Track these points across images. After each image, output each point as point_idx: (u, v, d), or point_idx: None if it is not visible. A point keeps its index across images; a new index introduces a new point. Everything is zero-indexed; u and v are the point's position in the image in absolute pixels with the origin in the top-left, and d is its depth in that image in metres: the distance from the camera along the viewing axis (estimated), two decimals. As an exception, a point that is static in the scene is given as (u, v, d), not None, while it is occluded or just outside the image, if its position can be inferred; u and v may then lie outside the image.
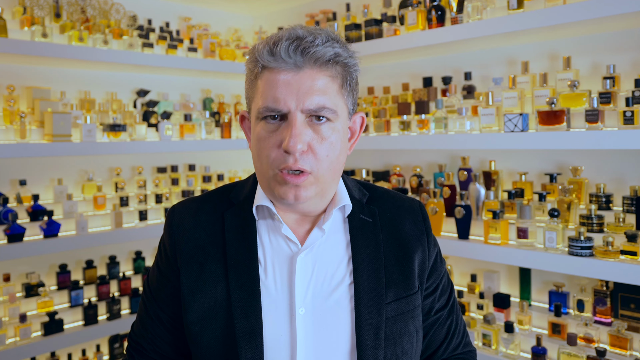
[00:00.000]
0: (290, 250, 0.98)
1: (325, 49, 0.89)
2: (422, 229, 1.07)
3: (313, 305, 0.95)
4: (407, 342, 0.99)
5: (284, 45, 0.88)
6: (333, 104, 0.91)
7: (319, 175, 0.92)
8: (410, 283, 1.01)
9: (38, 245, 2.18)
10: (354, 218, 1.02)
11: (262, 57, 0.90)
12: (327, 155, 0.91)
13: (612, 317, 1.85)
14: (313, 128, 0.91)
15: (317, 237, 0.98)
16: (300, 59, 0.88)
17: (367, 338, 0.94)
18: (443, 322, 1.08)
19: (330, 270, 0.98)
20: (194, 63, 2.73)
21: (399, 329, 0.98)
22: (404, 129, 2.31)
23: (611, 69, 1.83)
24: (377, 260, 1.00)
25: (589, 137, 1.72)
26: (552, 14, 1.79)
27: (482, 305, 2.13)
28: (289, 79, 0.89)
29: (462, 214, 2.06)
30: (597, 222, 1.81)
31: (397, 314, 0.98)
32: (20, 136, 2.21)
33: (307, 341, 0.94)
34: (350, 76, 0.96)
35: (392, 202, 1.08)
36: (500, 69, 2.25)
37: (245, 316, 0.94)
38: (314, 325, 0.94)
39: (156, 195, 2.69)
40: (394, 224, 1.05)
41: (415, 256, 1.03)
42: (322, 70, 0.90)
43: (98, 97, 2.67)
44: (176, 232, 1.03)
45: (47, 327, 2.21)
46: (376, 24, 2.40)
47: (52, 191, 2.48)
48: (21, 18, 2.31)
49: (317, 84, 0.89)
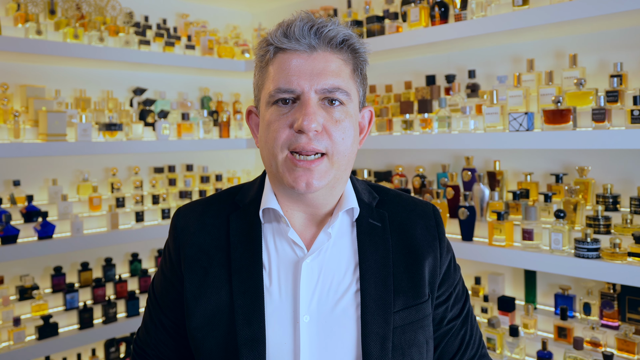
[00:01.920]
0: (295, 255, 0.96)
1: (339, 29, 0.91)
2: (435, 234, 1.03)
3: (318, 313, 0.93)
4: (417, 352, 0.96)
5: (298, 25, 0.89)
6: (346, 87, 0.91)
7: (334, 159, 0.90)
8: (420, 291, 0.98)
9: (32, 247, 2.16)
10: (362, 222, 0.99)
11: (276, 39, 0.91)
12: (342, 139, 0.90)
13: (620, 320, 1.83)
14: (327, 111, 0.90)
15: (323, 241, 0.95)
16: (314, 39, 0.89)
17: (372, 348, 0.91)
18: (456, 333, 1.04)
19: (337, 277, 0.95)
20: (192, 61, 2.71)
21: (408, 338, 0.95)
22: (407, 128, 2.29)
23: (618, 66, 1.81)
24: (385, 266, 0.97)
25: (595, 137, 1.70)
26: (558, 10, 1.77)
27: (486, 308, 2.11)
28: (302, 62, 0.89)
29: (465, 215, 2.04)
30: (604, 223, 1.79)
31: (406, 323, 0.95)
32: (14, 135, 2.19)
33: (311, 350, 0.91)
34: (361, 65, 0.96)
35: (403, 205, 1.05)
36: (505, 67, 2.23)
37: (247, 323, 0.92)
38: (319, 334, 0.92)
39: (153, 196, 2.66)
40: (405, 228, 1.02)
41: (425, 263, 1.00)
42: (334, 53, 0.91)
43: (93, 95, 2.65)
44: (180, 236, 1.02)
45: (42, 331, 2.18)
46: (378, 20, 2.37)
47: (46, 192, 2.46)
48: (15, 15, 2.29)
49: (331, 66, 0.90)
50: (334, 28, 0.90)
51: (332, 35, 0.90)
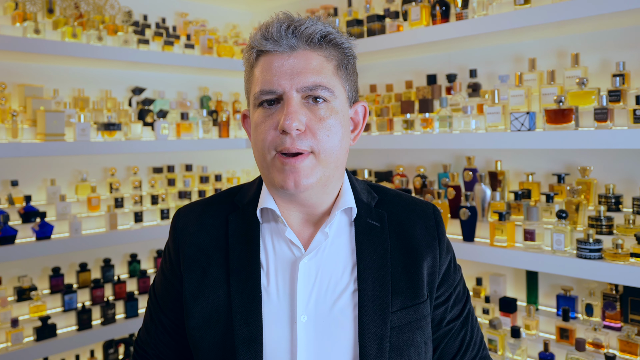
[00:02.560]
0: (293, 255, 0.96)
1: (316, 26, 0.90)
2: (434, 234, 1.02)
3: (315, 313, 0.93)
4: (415, 353, 0.95)
5: (275, 26, 0.90)
6: (329, 83, 0.90)
7: (321, 157, 0.89)
8: (418, 291, 0.97)
9: (30, 248, 2.14)
10: (361, 222, 0.99)
11: (257, 42, 0.91)
12: (327, 136, 0.89)
13: (622, 321, 1.82)
14: (310, 109, 0.90)
15: (320, 241, 0.95)
16: (292, 39, 0.89)
17: (370, 348, 0.91)
18: (456, 334, 1.04)
19: (334, 277, 0.95)
20: (191, 60, 2.69)
21: (406, 339, 0.95)
22: (407, 128, 2.28)
23: (621, 66, 1.80)
24: (383, 267, 0.96)
25: (598, 137, 1.69)
26: (560, 9, 1.76)
27: (487, 309, 2.10)
28: (283, 62, 0.89)
29: (467, 216, 2.03)
30: (607, 223, 1.78)
31: (404, 324, 0.95)
32: (12, 135, 2.18)
33: (308, 349, 0.92)
34: (347, 60, 0.96)
35: (403, 205, 1.05)
36: (507, 66, 2.21)
37: (245, 323, 0.92)
38: (316, 333, 0.92)
39: (152, 196, 2.65)
40: (404, 228, 1.01)
41: (424, 263, 0.99)
42: (315, 51, 0.91)
43: (92, 95, 2.63)
44: (180, 236, 1.02)
45: (40, 332, 2.16)
46: (379, 19, 2.36)
47: (44, 192, 2.44)
48: (13, 14, 2.27)
49: (312, 63, 0.90)
50: (312, 25, 0.90)
51: (310, 33, 0.89)
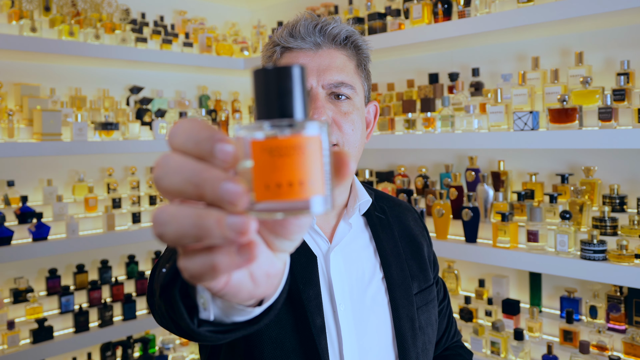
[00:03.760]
0: (318, 247, 0.99)
1: (342, 26, 0.97)
2: (422, 225, 1.17)
3: (351, 301, 0.98)
4: (431, 331, 1.06)
5: (303, 24, 0.95)
6: (351, 81, 0.96)
7: (345, 149, 0.93)
8: (427, 275, 1.08)
9: (26, 249, 2.12)
10: (370, 214, 1.07)
11: (282, 39, 0.96)
12: (352, 130, 0.94)
13: (627, 324, 1.80)
14: (335, 104, 0.95)
15: (345, 231, 1.00)
16: (319, 37, 0.95)
17: (406, 329, 0.99)
18: (444, 313, 1.18)
19: (361, 266, 1.01)
20: (190, 58, 2.67)
21: (426, 318, 1.04)
22: (409, 128, 2.26)
23: (625, 64, 1.78)
24: (398, 254, 1.05)
25: (602, 136, 1.68)
26: (563, 7, 1.74)
27: (490, 311, 2.08)
28: (309, 59, 0.95)
29: (469, 216, 2.01)
30: (611, 224, 1.76)
31: (422, 305, 1.05)
32: (8, 135, 2.16)
33: (351, 338, 0.96)
34: (364, 61, 1.02)
35: (392, 201, 1.16)
36: (510, 65, 2.19)
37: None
38: (355, 321, 0.97)
39: (150, 197, 2.63)
40: (402, 220, 1.12)
41: (424, 250, 1.11)
42: (339, 50, 0.97)
43: (89, 94, 2.61)
44: None
45: (36, 335, 2.14)
46: (380, 17, 2.34)
47: (41, 192, 2.42)
48: (9, 11, 2.25)
49: (336, 62, 0.95)
50: (338, 26, 0.96)
51: (336, 33, 0.95)
